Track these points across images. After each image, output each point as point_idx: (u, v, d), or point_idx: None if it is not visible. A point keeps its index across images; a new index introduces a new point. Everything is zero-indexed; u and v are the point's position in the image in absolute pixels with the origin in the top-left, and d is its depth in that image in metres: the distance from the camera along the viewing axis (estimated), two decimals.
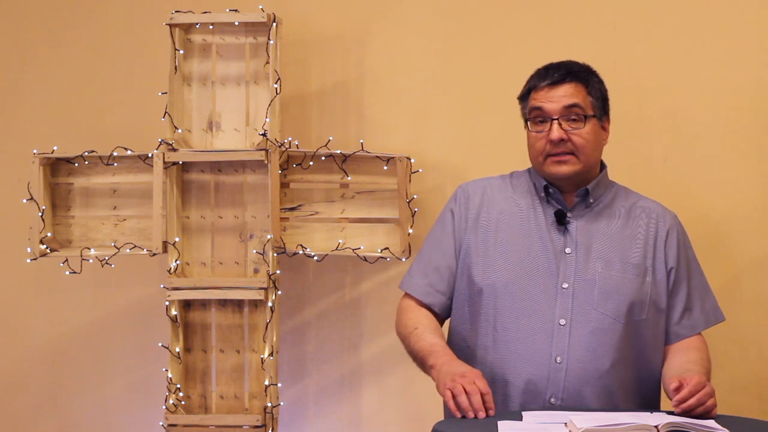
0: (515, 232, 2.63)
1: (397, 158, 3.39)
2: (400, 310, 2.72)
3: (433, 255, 2.71)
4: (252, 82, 3.45)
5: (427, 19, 3.60)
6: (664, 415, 2.29)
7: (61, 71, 3.82)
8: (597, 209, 2.66)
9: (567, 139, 2.60)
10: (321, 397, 3.65)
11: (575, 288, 2.56)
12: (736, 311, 3.39)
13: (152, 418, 3.63)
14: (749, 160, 3.39)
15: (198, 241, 3.48)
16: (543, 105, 2.62)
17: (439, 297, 2.68)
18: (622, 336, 2.55)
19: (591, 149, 2.63)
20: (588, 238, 2.61)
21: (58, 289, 3.77)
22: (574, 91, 2.63)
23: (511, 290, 2.58)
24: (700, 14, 3.42)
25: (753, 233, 3.37)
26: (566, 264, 2.58)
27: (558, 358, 2.52)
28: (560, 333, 2.53)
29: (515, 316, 2.56)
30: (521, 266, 2.59)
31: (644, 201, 2.72)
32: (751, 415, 3.05)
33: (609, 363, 2.53)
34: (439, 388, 2.41)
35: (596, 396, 2.53)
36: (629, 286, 2.58)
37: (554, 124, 2.60)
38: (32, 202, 3.46)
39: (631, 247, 2.62)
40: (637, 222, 2.66)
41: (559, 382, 2.51)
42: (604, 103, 2.70)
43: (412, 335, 2.61)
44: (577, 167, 2.61)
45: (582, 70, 2.69)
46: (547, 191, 2.65)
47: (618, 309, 2.56)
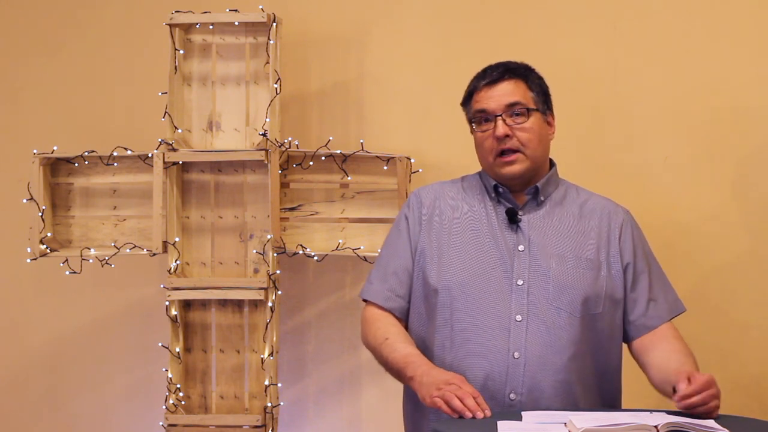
0: (468, 233, 2.64)
1: (397, 158, 3.39)
2: (365, 320, 2.71)
3: (390, 261, 2.72)
4: (252, 82, 3.46)
5: (427, 19, 3.60)
6: (664, 415, 2.29)
7: (61, 71, 3.82)
8: (548, 206, 2.66)
9: (512, 134, 2.61)
10: (321, 397, 3.65)
11: (530, 284, 2.57)
12: (736, 311, 3.39)
13: (152, 418, 3.63)
14: (750, 160, 3.38)
15: (198, 241, 3.48)
16: (486, 105, 2.64)
17: (399, 301, 2.69)
18: (578, 330, 2.56)
19: (536, 143, 2.64)
20: (540, 235, 2.62)
21: (58, 289, 3.77)
22: (514, 87, 2.65)
23: (466, 289, 2.58)
24: (700, 14, 3.42)
25: (754, 231, 3.37)
26: (520, 261, 2.59)
27: (516, 354, 2.53)
28: (517, 329, 2.54)
29: (471, 315, 2.57)
30: (475, 265, 2.60)
31: (596, 198, 2.73)
32: (751, 415, 3.04)
33: (566, 357, 2.54)
34: (424, 399, 2.40)
35: (555, 390, 2.53)
36: (583, 280, 2.59)
37: (498, 121, 2.62)
38: (32, 202, 3.46)
39: (584, 242, 2.63)
40: (590, 218, 2.66)
41: (517, 377, 2.52)
42: (546, 98, 2.71)
43: (383, 346, 2.60)
44: (525, 164, 2.62)
45: (519, 66, 2.72)
46: (497, 191, 2.66)
47: (573, 303, 2.56)
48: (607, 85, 3.48)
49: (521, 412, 2.36)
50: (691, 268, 3.40)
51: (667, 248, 3.20)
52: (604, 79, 3.48)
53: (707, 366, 3.20)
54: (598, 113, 3.49)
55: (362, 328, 2.71)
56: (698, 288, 3.40)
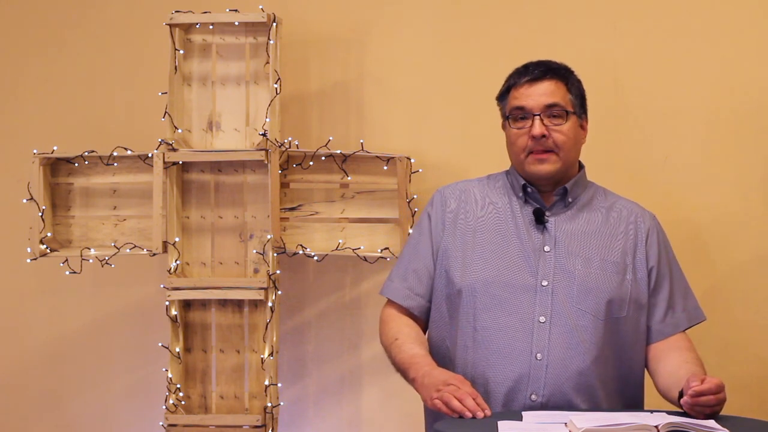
0: (494, 233, 2.64)
1: (397, 158, 3.39)
2: (382, 320, 2.72)
3: (411, 259, 2.72)
4: (252, 82, 3.46)
5: (427, 19, 3.60)
6: (664, 415, 2.29)
7: (61, 71, 3.82)
8: (575, 208, 2.66)
9: (548, 135, 2.60)
10: (321, 397, 3.65)
11: (555, 285, 2.56)
12: (736, 311, 3.39)
13: (152, 418, 3.63)
14: (751, 159, 3.39)
15: (198, 241, 3.48)
16: (524, 103, 2.63)
17: (419, 300, 2.69)
18: (602, 333, 2.55)
19: (571, 146, 2.63)
20: (567, 236, 2.61)
21: (58, 289, 3.77)
22: (555, 87, 2.64)
23: (490, 289, 2.58)
24: (700, 14, 3.42)
25: (756, 231, 3.37)
26: (545, 262, 2.58)
27: (538, 355, 2.52)
28: (540, 330, 2.54)
29: (494, 315, 2.56)
30: (500, 265, 2.60)
31: (623, 201, 2.73)
32: (751, 415, 3.04)
33: (589, 359, 2.53)
34: (426, 401, 2.40)
35: (577, 393, 2.53)
36: (609, 283, 2.58)
37: (536, 120, 2.60)
38: (32, 202, 3.47)
39: (610, 245, 2.62)
40: (617, 221, 2.66)
41: (539, 379, 2.51)
42: (583, 102, 2.71)
43: (393, 346, 2.61)
44: (557, 165, 2.62)
45: (561, 67, 2.71)
46: (526, 191, 2.66)
47: (598, 306, 2.56)
48: (607, 85, 3.48)
49: (522, 412, 2.36)
50: (693, 269, 3.39)
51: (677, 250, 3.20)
52: (604, 79, 3.48)
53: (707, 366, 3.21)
54: (599, 113, 3.48)
55: (379, 327, 2.72)
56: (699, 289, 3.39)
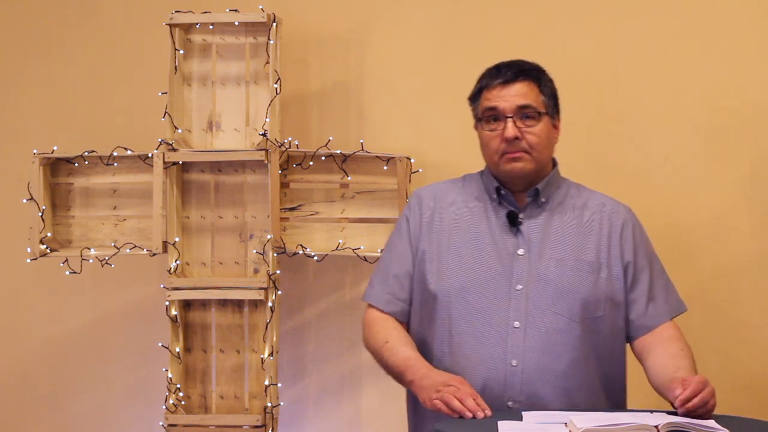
0: (468, 236, 2.63)
1: (397, 158, 3.39)
2: (366, 323, 2.70)
3: (392, 264, 2.70)
4: (252, 82, 3.46)
5: (427, 19, 3.60)
6: (664, 415, 2.29)
7: (61, 71, 3.82)
8: (549, 208, 2.64)
9: (521, 137, 2.59)
10: (321, 397, 3.65)
11: (529, 289, 2.55)
12: (736, 310, 3.39)
13: (152, 418, 3.63)
14: (751, 159, 3.39)
15: (198, 241, 3.48)
16: (497, 104, 2.61)
17: (401, 305, 2.67)
18: (578, 335, 2.54)
19: (543, 147, 2.62)
20: (541, 237, 2.60)
21: (58, 289, 3.77)
22: (527, 89, 2.62)
23: (465, 295, 2.57)
24: (700, 14, 3.42)
25: (754, 230, 3.37)
26: (519, 265, 2.57)
27: (513, 361, 2.51)
28: (514, 336, 2.52)
29: (469, 321, 2.55)
30: (474, 270, 2.58)
31: (597, 196, 2.70)
32: (751, 415, 3.04)
33: (565, 363, 2.52)
34: (425, 402, 2.40)
35: (555, 397, 2.51)
36: (583, 284, 2.57)
37: (509, 122, 2.59)
38: (32, 202, 3.46)
39: (584, 244, 2.61)
40: (591, 218, 2.64)
41: (515, 385, 2.50)
42: (555, 102, 2.69)
43: (383, 349, 2.59)
44: (530, 165, 2.61)
45: (533, 68, 2.69)
46: (499, 193, 2.65)
47: (572, 308, 2.54)
48: (607, 85, 3.48)
49: (522, 412, 2.36)
50: (693, 268, 3.40)
51: (669, 248, 3.20)
52: (604, 79, 3.48)
53: (707, 366, 3.21)
54: (599, 113, 3.49)
55: (363, 330, 2.70)
56: (699, 288, 3.40)
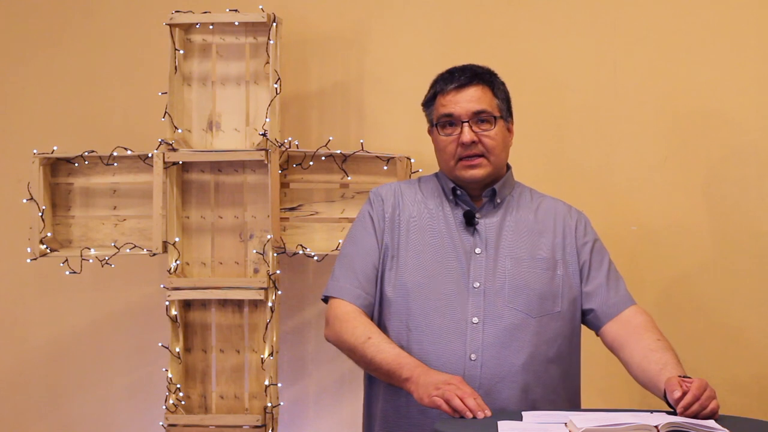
0: (426, 234, 2.65)
1: (397, 158, 3.39)
2: (335, 317, 2.64)
3: (357, 258, 2.69)
4: (252, 82, 3.46)
5: (427, 19, 3.60)
6: (664, 415, 2.29)
7: (61, 71, 3.82)
8: (504, 208, 2.68)
9: (477, 140, 2.61)
10: (321, 397, 3.65)
11: (486, 286, 2.58)
12: (736, 310, 3.39)
13: (152, 418, 3.63)
14: (751, 159, 3.39)
15: (198, 241, 3.48)
16: (452, 109, 2.63)
17: (369, 299, 2.66)
18: (535, 330, 2.56)
19: (500, 150, 2.65)
20: (497, 236, 2.63)
21: (58, 289, 3.77)
22: (481, 93, 2.64)
23: (423, 291, 2.59)
24: (699, 14, 3.42)
25: (756, 230, 3.37)
26: (476, 263, 2.60)
27: (473, 356, 2.53)
28: (474, 331, 2.54)
29: (427, 316, 2.57)
30: (432, 267, 2.60)
31: (550, 200, 2.74)
32: (751, 415, 3.05)
33: (524, 358, 2.54)
34: (422, 399, 2.40)
35: (513, 392, 2.53)
36: (538, 280, 2.60)
37: (465, 127, 2.61)
38: (32, 202, 3.47)
39: (539, 242, 2.64)
40: (545, 219, 2.67)
41: (474, 379, 2.51)
42: (508, 105, 2.72)
43: (366, 345, 2.55)
44: (488, 169, 2.63)
45: (486, 72, 2.71)
46: (455, 193, 2.67)
47: (529, 304, 2.57)
48: (606, 85, 3.48)
49: (521, 412, 2.36)
50: (696, 269, 3.40)
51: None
52: (603, 80, 3.48)
53: (707, 366, 3.22)
54: (599, 113, 3.49)
55: (334, 325, 2.63)
56: (696, 287, 3.40)
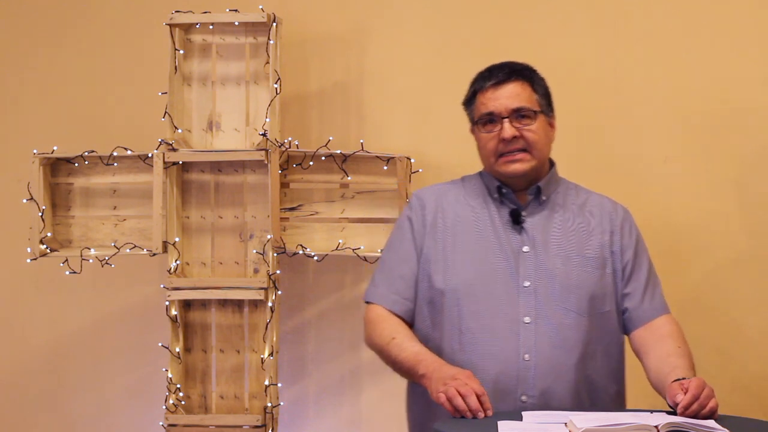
0: (472, 235, 2.64)
1: (397, 158, 3.39)
2: (369, 321, 2.68)
3: (395, 264, 2.70)
4: (252, 82, 3.46)
5: (427, 19, 3.60)
6: (664, 415, 2.29)
7: (61, 71, 3.82)
8: (550, 206, 2.67)
9: (519, 135, 2.61)
10: (321, 397, 3.65)
11: (537, 285, 2.57)
12: (736, 311, 3.39)
13: (152, 418, 3.63)
14: (750, 159, 3.39)
15: (198, 241, 3.48)
16: (492, 107, 2.63)
17: (407, 305, 2.67)
18: (587, 330, 2.57)
19: (543, 144, 2.65)
20: (544, 235, 2.62)
21: (58, 289, 3.77)
22: (520, 89, 2.65)
23: (473, 292, 2.58)
24: (700, 14, 3.42)
25: (755, 229, 3.37)
26: (525, 262, 2.59)
27: (526, 356, 2.53)
28: (526, 330, 2.54)
29: (479, 318, 2.56)
30: (481, 268, 2.60)
31: (595, 196, 2.73)
32: (751, 415, 3.04)
33: (576, 357, 2.54)
34: (432, 394, 2.40)
35: (566, 392, 2.53)
36: (589, 279, 2.59)
37: (505, 123, 2.61)
38: (32, 202, 3.47)
39: (587, 240, 2.63)
40: (590, 216, 2.67)
41: (528, 379, 2.52)
42: (549, 100, 2.71)
43: (390, 345, 2.58)
44: (531, 163, 2.63)
45: (524, 68, 2.71)
46: (500, 192, 2.66)
47: (580, 303, 2.57)
48: (607, 85, 3.48)
49: (521, 412, 2.36)
50: (692, 268, 3.40)
51: (666, 249, 3.20)
52: (604, 79, 3.48)
53: (707, 366, 3.21)
54: (599, 113, 3.49)
55: (366, 329, 2.69)
56: (697, 288, 3.40)
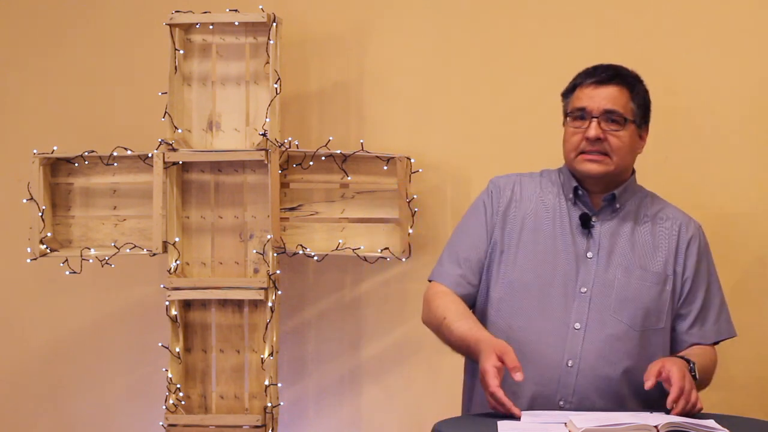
0: (540, 232, 2.63)
1: (397, 158, 3.39)
2: (426, 299, 2.68)
3: (465, 246, 2.69)
4: (252, 82, 3.46)
5: (427, 19, 3.60)
6: (663, 415, 2.29)
7: (61, 71, 3.81)
8: (622, 215, 2.65)
9: (603, 138, 2.60)
10: (321, 397, 3.65)
11: (593, 293, 2.56)
12: (736, 311, 3.38)
13: (152, 418, 3.63)
14: (750, 159, 3.39)
15: (198, 241, 3.48)
16: (585, 103, 2.62)
17: (470, 289, 2.66)
18: (636, 344, 2.55)
19: (625, 153, 2.63)
20: (611, 243, 2.61)
21: (58, 289, 3.77)
22: (619, 93, 2.63)
23: (530, 291, 2.58)
24: (701, 14, 3.42)
25: (754, 233, 3.37)
26: (587, 268, 2.58)
27: (570, 362, 2.52)
28: (574, 337, 2.53)
29: (530, 317, 2.56)
30: (542, 267, 2.59)
31: (669, 209, 2.72)
32: (751, 415, 3.04)
33: (621, 370, 2.53)
34: None
35: (605, 402, 2.51)
36: (647, 294, 2.58)
37: (593, 122, 2.60)
38: (32, 202, 3.46)
39: (653, 254, 2.62)
40: (661, 230, 2.65)
41: (569, 386, 2.51)
42: (646, 112, 2.70)
43: (442, 327, 2.58)
44: (608, 168, 2.61)
45: (630, 75, 2.70)
46: (576, 192, 2.65)
47: (634, 316, 2.56)
48: None
49: (521, 412, 2.36)
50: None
51: None
52: None
53: None
54: None
55: (424, 306, 2.68)
56: None
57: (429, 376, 3.57)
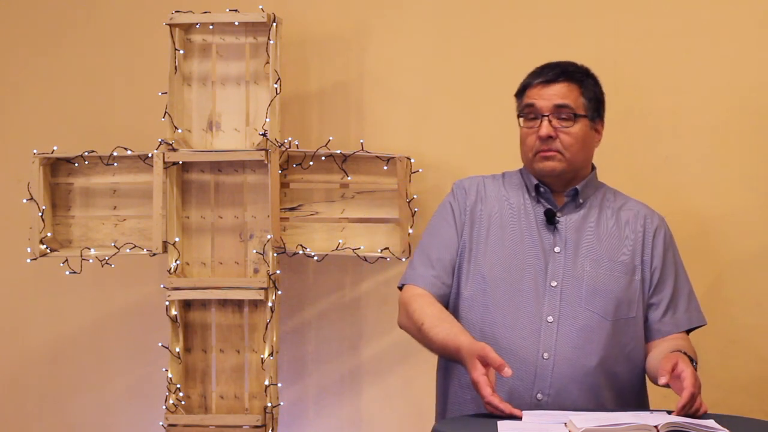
0: (506, 230, 2.66)
1: (397, 158, 3.39)
2: (402, 302, 2.68)
3: (436, 247, 2.71)
4: (252, 82, 3.46)
5: (427, 18, 3.60)
6: (664, 414, 2.29)
7: (61, 71, 3.82)
8: (586, 209, 2.68)
9: (555, 136, 2.63)
10: (321, 397, 3.65)
11: (563, 286, 2.58)
12: (736, 311, 3.39)
13: (152, 418, 3.63)
14: (749, 159, 3.39)
15: (198, 241, 3.48)
16: (535, 102, 2.65)
17: (445, 289, 2.68)
18: (609, 334, 2.57)
19: (578, 149, 2.65)
20: (577, 237, 2.63)
21: (58, 289, 3.77)
22: (567, 90, 2.66)
23: (501, 287, 2.60)
24: (700, 14, 3.42)
25: (750, 232, 3.38)
26: (555, 262, 2.60)
27: (545, 354, 2.54)
28: (548, 330, 2.55)
29: (503, 312, 2.58)
30: (511, 264, 2.61)
31: (633, 203, 2.75)
32: (751, 415, 3.05)
33: (596, 360, 2.55)
34: None
35: (583, 393, 2.54)
36: (617, 284, 2.60)
37: (544, 121, 2.63)
38: (32, 202, 3.47)
39: (619, 246, 2.64)
40: (626, 222, 2.68)
41: (545, 378, 2.53)
42: (598, 105, 2.72)
43: (421, 332, 2.58)
44: (562, 165, 2.64)
45: (577, 70, 2.72)
46: (538, 190, 2.67)
47: (606, 307, 2.58)
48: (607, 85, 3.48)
49: (522, 412, 2.36)
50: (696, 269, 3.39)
51: None
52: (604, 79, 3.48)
53: (708, 366, 3.21)
54: None
55: (401, 310, 2.68)
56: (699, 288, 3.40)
57: (429, 376, 3.55)
